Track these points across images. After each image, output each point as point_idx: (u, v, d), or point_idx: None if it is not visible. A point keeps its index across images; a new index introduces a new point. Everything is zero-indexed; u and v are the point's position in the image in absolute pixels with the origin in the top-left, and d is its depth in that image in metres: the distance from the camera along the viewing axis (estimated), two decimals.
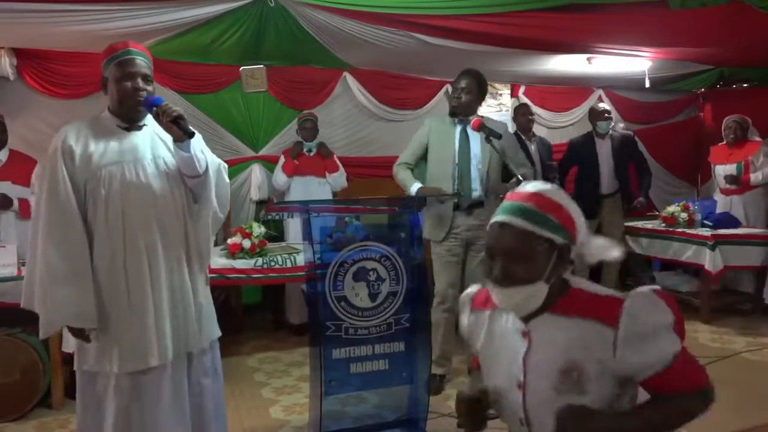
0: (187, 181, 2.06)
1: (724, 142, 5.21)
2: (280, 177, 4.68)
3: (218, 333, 2.21)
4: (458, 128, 3.43)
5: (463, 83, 3.40)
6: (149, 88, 2.01)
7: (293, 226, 4.61)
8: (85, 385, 2.00)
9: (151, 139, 2.05)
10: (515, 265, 1.23)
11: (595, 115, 5.01)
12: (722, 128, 5.23)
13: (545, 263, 1.24)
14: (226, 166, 2.26)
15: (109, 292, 1.94)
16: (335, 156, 4.85)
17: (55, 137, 1.98)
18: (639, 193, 5.05)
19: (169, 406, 1.99)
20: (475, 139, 3.38)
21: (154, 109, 1.94)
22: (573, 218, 1.29)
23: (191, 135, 1.95)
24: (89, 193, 1.94)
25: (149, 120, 2.07)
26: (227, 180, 2.26)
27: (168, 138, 2.02)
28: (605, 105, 5.19)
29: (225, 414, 2.27)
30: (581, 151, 4.99)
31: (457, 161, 3.37)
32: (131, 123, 2.04)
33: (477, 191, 3.39)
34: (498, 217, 1.29)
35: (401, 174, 3.46)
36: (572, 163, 5.12)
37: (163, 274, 1.98)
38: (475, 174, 3.38)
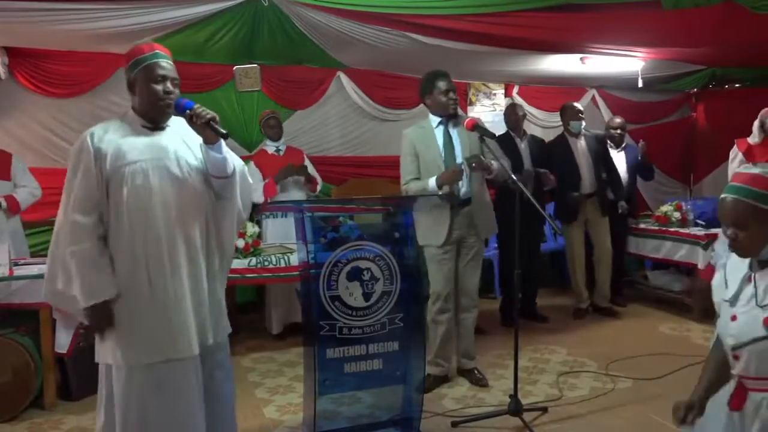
0: (215, 182, 2.11)
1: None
2: (257, 194, 4.27)
3: (230, 329, 2.24)
4: (441, 129, 3.39)
5: (448, 84, 3.36)
6: (177, 91, 2.06)
7: (272, 226, 4.57)
8: (105, 379, 2.03)
9: (174, 140, 2.09)
10: (741, 231, 1.55)
11: (569, 113, 4.80)
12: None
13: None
14: (246, 168, 2.30)
15: (129, 287, 1.98)
16: (314, 169, 4.74)
17: (82, 138, 1.99)
18: (618, 197, 4.91)
19: (189, 398, 2.03)
20: (457, 137, 3.36)
21: (187, 112, 1.99)
22: None
23: (225, 136, 2.02)
24: (112, 189, 1.98)
25: (172, 121, 2.12)
26: (250, 181, 2.33)
27: (191, 140, 2.09)
28: (579, 105, 4.93)
29: (234, 410, 2.28)
30: (557, 151, 4.81)
31: (443, 161, 3.33)
32: (155, 124, 2.09)
33: (465, 188, 3.35)
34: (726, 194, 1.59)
35: (413, 184, 3.35)
36: (547, 164, 4.75)
37: (184, 270, 2.02)
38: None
